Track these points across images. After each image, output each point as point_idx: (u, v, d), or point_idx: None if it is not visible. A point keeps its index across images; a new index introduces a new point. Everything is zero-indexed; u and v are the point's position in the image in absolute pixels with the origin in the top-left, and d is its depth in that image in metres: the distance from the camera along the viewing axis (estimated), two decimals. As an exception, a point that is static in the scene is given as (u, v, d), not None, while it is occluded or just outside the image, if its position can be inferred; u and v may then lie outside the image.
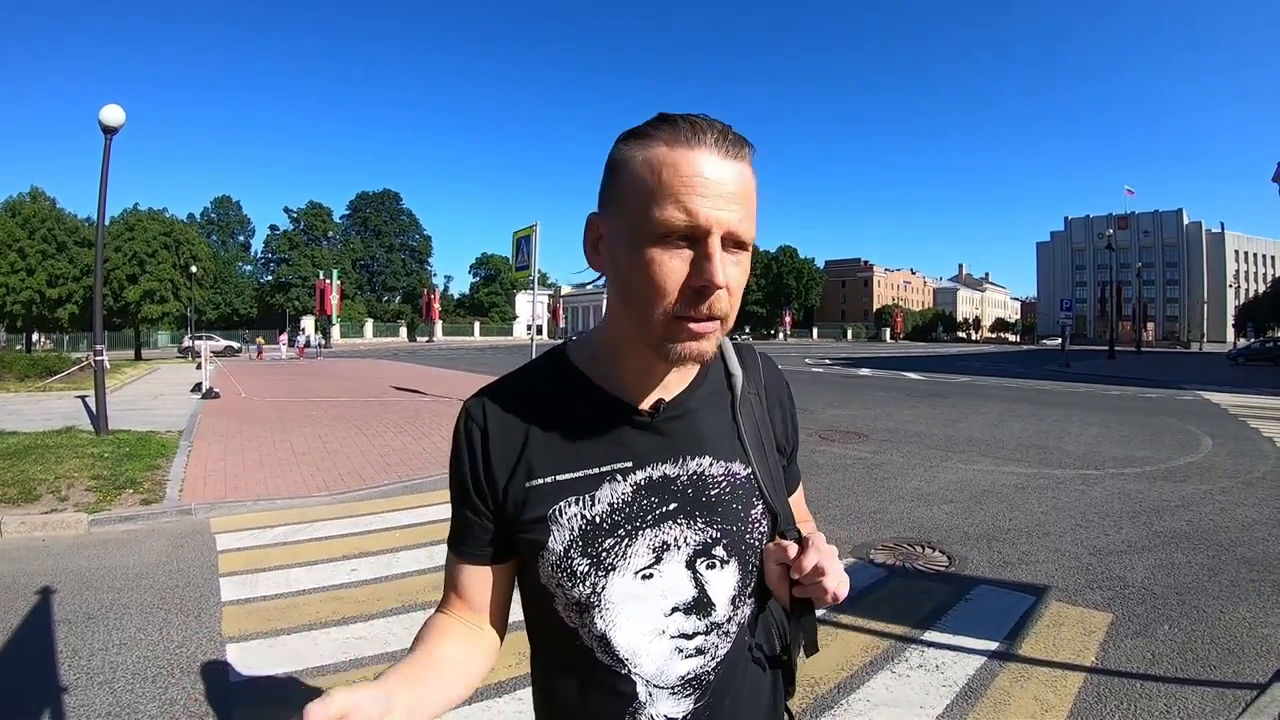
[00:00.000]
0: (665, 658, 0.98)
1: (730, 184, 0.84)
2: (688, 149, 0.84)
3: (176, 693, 3.58)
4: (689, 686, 0.99)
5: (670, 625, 0.97)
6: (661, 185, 0.84)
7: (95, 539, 6.29)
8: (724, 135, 0.86)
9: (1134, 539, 6.18)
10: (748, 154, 0.88)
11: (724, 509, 0.99)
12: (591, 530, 0.96)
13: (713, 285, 0.84)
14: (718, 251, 0.84)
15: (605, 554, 0.95)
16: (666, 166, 0.84)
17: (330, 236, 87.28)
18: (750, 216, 0.88)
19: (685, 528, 0.97)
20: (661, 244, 0.85)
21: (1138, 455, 10.31)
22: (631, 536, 0.96)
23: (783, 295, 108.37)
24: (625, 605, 0.96)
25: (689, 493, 0.98)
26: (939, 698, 3.54)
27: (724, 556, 0.99)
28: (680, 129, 0.85)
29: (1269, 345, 46.24)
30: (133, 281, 42.08)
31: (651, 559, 0.96)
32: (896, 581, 5.26)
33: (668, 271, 0.85)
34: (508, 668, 3.78)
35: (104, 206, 11.75)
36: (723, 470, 1.00)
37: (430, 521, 6.66)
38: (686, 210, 0.83)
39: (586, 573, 0.95)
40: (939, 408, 16.46)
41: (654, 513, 0.97)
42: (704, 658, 0.99)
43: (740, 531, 1.00)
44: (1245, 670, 3.85)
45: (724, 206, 0.84)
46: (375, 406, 15.79)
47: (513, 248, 15.93)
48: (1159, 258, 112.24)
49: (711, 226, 0.83)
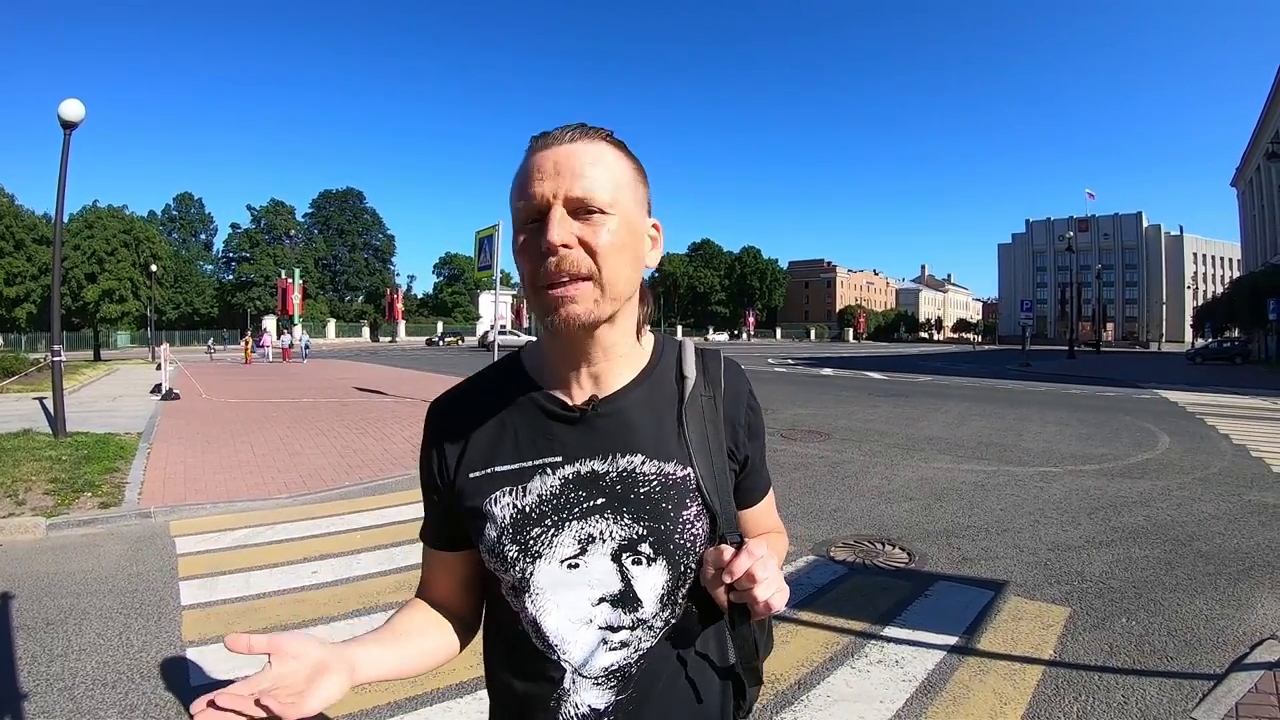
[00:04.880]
0: (591, 647, 1.01)
1: (570, 159, 0.93)
2: (534, 150, 0.96)
3: (137, 698, 3.54)
4: (612, 678, 1.02)
5: (598, 615, 1.01)
6: (519, 187, 0.95)
7: (53, 543, 6.18)
8: (570, 129, 0.97)
9: (1092, 534, 6.30)
10: (593, 138, 0.97)
11: (652, 507, 1.01)
12: (521, 519, 1.01)
13: (550, 245, 0.90)
14: (556, 217, 0.91)
15: (533, 542, 1.00)
16: (521, 171, 0.96)
17: (292, 235, 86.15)
18: (605, 184, 0.94)
19: (611, 522, 1.00)
20: (523, 232, 0.96)
21: (1096, 452, 10.51)
22: (558, 527, 1.00)
23: (746, 296, 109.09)
24: (553, 592, 1.01)
25: (617, 489, 1.01)
26: (899, 692, 3.59)
27: (650, 554, 1.01)
28: (536, 138, 0.98)
29: (1226, 345, 47.34)
30: (91, 280, 41.21)
31: (577, 549, 1.00)
32: (856, 578, 5.31)
33: (527, 252, 0.95)
34: (469, 668, 3.78)
35: (62, 203, 11.55)
36: (655, 469, 1.02)
37: (392, 523, 6.62)
38: (528, 194, 0.93)
39: (516, 558, 1.01)
40: (900, 406, 16.65)
41: (580, 506, 1.01)
42: (628, 650, 1.02)
43: (669, 530, 1.01)
44: (1202, 661, 3.94)
45: (563, 179, 0.92)
46: (336, 408, 15.65)
47: (476, 247, 15.81)
48: (1119, 259, 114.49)
49: (547, 199, 0.92)
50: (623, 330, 1.05)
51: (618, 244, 0.95)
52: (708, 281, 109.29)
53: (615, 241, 0.94)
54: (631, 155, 1.03)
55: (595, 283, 0.94)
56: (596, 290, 0.94)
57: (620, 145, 1.01)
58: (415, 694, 3.54)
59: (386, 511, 7.00)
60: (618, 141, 1.01)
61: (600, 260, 0.93)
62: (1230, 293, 50.30)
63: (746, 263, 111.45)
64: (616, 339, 1.04)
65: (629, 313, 1.05)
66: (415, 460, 1.18)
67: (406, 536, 6.10)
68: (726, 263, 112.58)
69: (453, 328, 76.49)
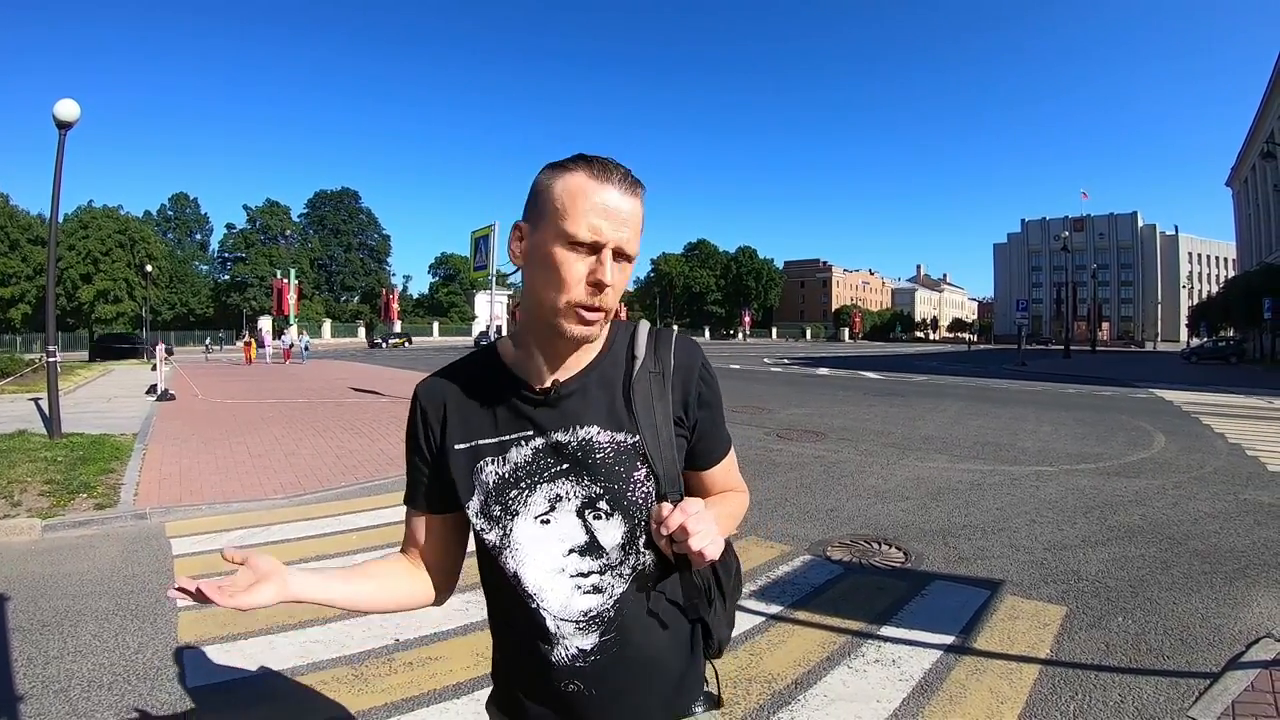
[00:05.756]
0: (567, 594, 1.20)
1: (624, 214, 1.12)
2: (598, 183, 1.11)
3: (133, 700, 3.53)
4: (592, 623, 1.21)
5: (568, 565, 1.21)
6: (576, 206, 1.10)
7: (49, 545, 6.16)
8: (625, 177, 1.13)
9: (1088, 533, 6.31)
10: (640, 193, 1.15)
11: (607, 470, 1.20)
12: (502, 484, 1.21)
13: (603, 283, 1.11)
14: (609, 261, 1.11)
15: (511, 502, 1.21)
16: (581, 194, 1.10)
17: (288, 235, 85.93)
18: (636, 238, 1.15)
19: (574, 483, 1.20)
20: (572, 250, 1.11)
21: (1092, 451, 10.53)
22: (531, 489, 1.21)
23: (742, 295, 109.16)
24: (529, 546, 1.21)
25: (578, 455, 1.20)
26: (895, 692, 3.59)
27: (608, 510, 1.21)
28: (594, 166, 1.12)
29: (1221, 344, 47.49)
30: (87, 281, 41.25)
31: (547, 507, 1.21)
32: (853, 578, 5.31)
33: (573, 271, 1.11)
34: (465, 669, 3.79)
35: (57, 203, 11.49)
36: (608, 438, 1.21)
37: (388, 524, 6.58)
38: (593, 229, 1.09)
39: (499, 517, 1.21)
40: (896, 406, 16.67)
41: (549, 470, 1.21)
42: (602, 596, 1.21)
43: (622, 490, 1.20)
44: (1198, 660, 3.94)
45: (619, 229, 1.11)
46: (332, 408, 15.62)
47: (471, 247, 15.79)
48: (1114, 259, 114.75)
49: (609, 243, 1.10)
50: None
51: (624, 284, 1.17)
52: (704, 281, 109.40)
53: (624, 284, 1.17)
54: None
55: (607, 315, 1.16)
56: (605, 320, 1.17)
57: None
58: (413, 695, 3.53)
59: (382, 512, 6.97)
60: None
61: (615, 299, 1.14)
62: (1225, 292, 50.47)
63: (742, 262, 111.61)
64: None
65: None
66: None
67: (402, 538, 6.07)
68: (722, 262, 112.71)
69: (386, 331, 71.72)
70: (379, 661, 3.91)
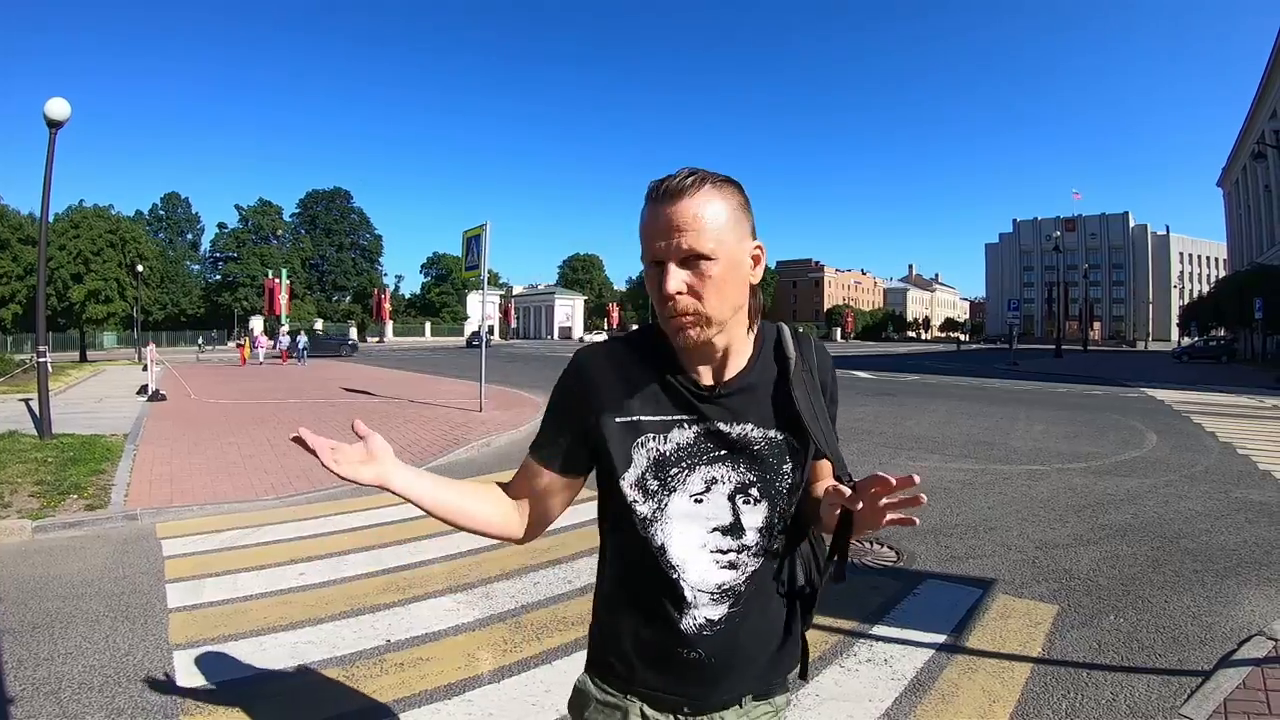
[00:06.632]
0: (705, 568, 1.29)
1: (680, 219, 1.15)
2: (652, 204, 1.18)
3: (124, 701, 3.51)
4: (725, 595, 1.30)
5: (710, 541, 1.29)
6: (645, 231, 1.20)
7: (40, 546, 6.13)
8: (680, 181, 1.17)
9: (1079, 532, 6.33)
10: (699, 187, 1.17)
11: (761, 461, 1.29)
12: (663, 460, 1.28)
13: (665, 294, 1.18)
14: (671, 273, 1.17)
15: (670, 479, 1.28)
16: (645, 220, 1.20)
17: (279, 235, 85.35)
18: (709, 236, 1.16)
19: (730, 469, 1.28)
20: (651, 268, 1.21)
21: (1083, 451, 10.57)
22: (691, 469, 1.28)
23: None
24: (679, 522, 1.28)
25: (736, 445, 1.28)
26: (887, 691, 3.60)
27: (757, 496, 1.29)
28: (651, 189, 1.20)
29: (1212, 344, 47.60)
30: (77, 281, 40.86)
31: (703, 488, 1.28)
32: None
33: (652, 285, 1.21)
34: (457, 670, 3.79)
35: (48, 203, 11.43)
36: (762, 434, 1.29)
37: (379, 524, 6.57)
38: (651, 248, 1.19)
39: (656, 490, 1.28)
40: (889, 405, 16.71)
41: (709, 455, 1.28)
42: (735, 572, 1.30)
43: (771, 480, 1.29)
44: (1190, 658, 3.97)
45: (676, 236, 1.15)
46: (324, 408, 15.57)
47: (463, 247, 15.69)
48: (1105, 259, 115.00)
49: (661, 256, 1.17)
50: (733, 333, 1.28)
51: (718, 282, 1.18)
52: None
53: (716, 281, 1.18)
54: (736, 192, 1.23)
55: (700, 316, 1.19)
56: (702, 320, 1.20)
57: (724, 186, 1.21)
58: (404, 696, 3.52)
59: (374, 513, 6.95)
60: (722, 183, 1.21)
61: (704, 300, 1.18)
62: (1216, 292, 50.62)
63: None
64: (729, 340, 1.28)
65: (739, 319, 1.28)
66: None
67: (394, 538, 6.08)
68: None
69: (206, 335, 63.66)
70: (369, 662, 3.89)
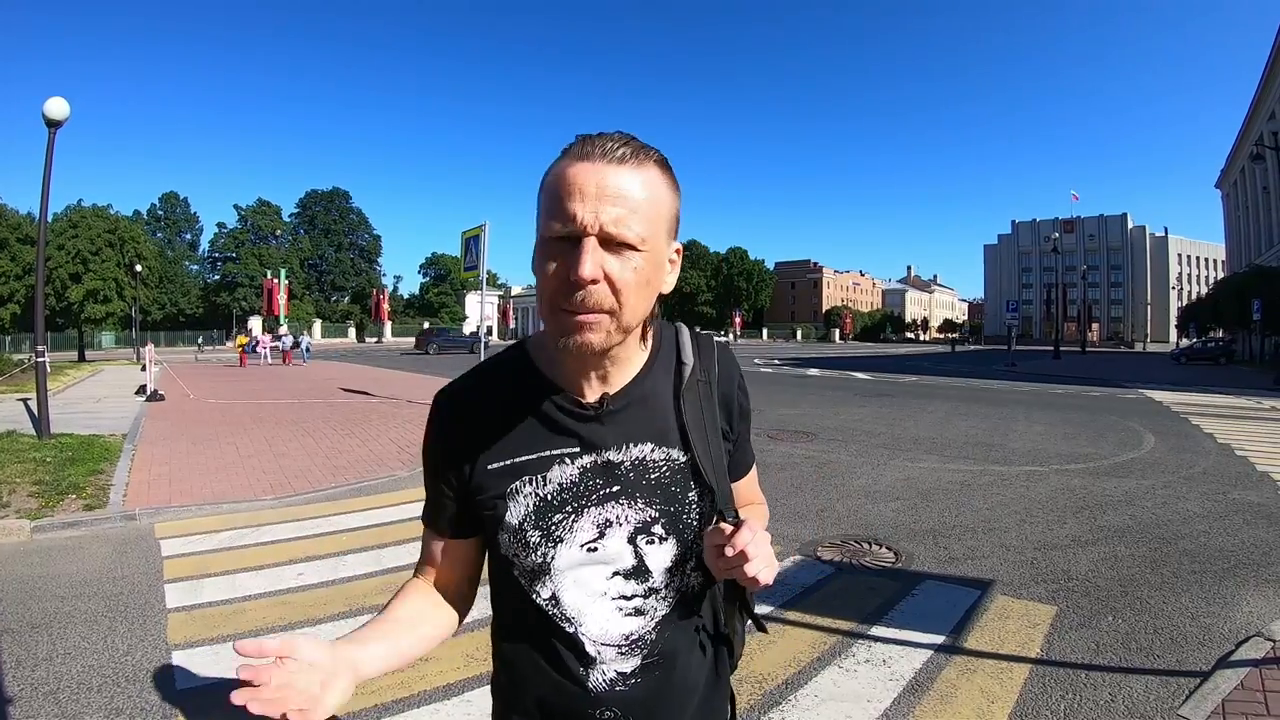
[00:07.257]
0: (607, 617, 1.09)
1: (613, 189, 0.91)
2: (577, 161, 0.93)
3: (123, 702, 3.51)
4: (634, 646, 1.10)
5: (611, 588, 1.08)
6: (553, 196, 0.93)
7: (38, 546, 6.13)
8: (616, 145, 0.94)
9: (1077, 533, 6.33)
10: (642, 161, 0.95)
11: (663, 491, 1.08)
12: (543, 506, 1.06)
13: (580, 279, 0.90)
14: (590, 249, 0.90)
15: (554, 528, 1.06)
16: (559, 179, 0.93)
17: (278, 235, 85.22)
18: (641, 218, 0.93)
19: (627, 507, 1.07)
20: (551, 246, 0.94)
21: (1082, 452, 10.57)
22: (578, 513, 1.06)
23: (733, 296, 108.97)
24: (572, 572, 1.07)
25: (630, 476, 1.07)
26: (886, 692, 3.60)
27: (662, 534, 1.09)
28: (576, 145, 0.95)
29: (1210, 345, 47.63)
30: (76, 281, 40.74)
31: (595, 534, 1.07)
32: (844, 578, 5.32)
33: (552, 270, 0.93)
34: (455, 670, 3.77)
35: (46, 202, 11.42)
36: (663, 456, 1.09)
37: (378, 524, 6.58)
38: (566, 214, 0.91)
39: (538, 543, 1.06)
40: (887, 407, 16.71)
41: (598, 493, 1.06)
42: (643, 619, 1.10)
43: (678, 512, 1.09)
44: (1188, 659, 3.97)
45: (603, 207, 0.90)
46: (323, 409, 15.54)
47: (462, 248, 15.67)
48: (1104, 260, 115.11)
49: (585, 227, 0.90)
50: (630, 343, 1.06)
51: (640, 281, 0.95)
52: (694, 282, 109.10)
53: (639, 279, 0.95)
54: (672, 178, 1.01)
55: (614, 317, 0.95)
56: (613, 323, 0.96)
57: (667, 169, 1.00)
58: (403, 696, 3.52)
59: (372, 513, 6.96)
60: (665, 165, 1.00)
61: (622, 298, 0.94)
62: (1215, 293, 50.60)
63: (733, 263, 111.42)
64: (625, 350, 1.06)
65: (638, 328, 1.06)
66: (400, 462, 1.23)
67: (393, 538, 6.08)
68: (713, 263, 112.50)
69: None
70: (370, 662, 3.88)
